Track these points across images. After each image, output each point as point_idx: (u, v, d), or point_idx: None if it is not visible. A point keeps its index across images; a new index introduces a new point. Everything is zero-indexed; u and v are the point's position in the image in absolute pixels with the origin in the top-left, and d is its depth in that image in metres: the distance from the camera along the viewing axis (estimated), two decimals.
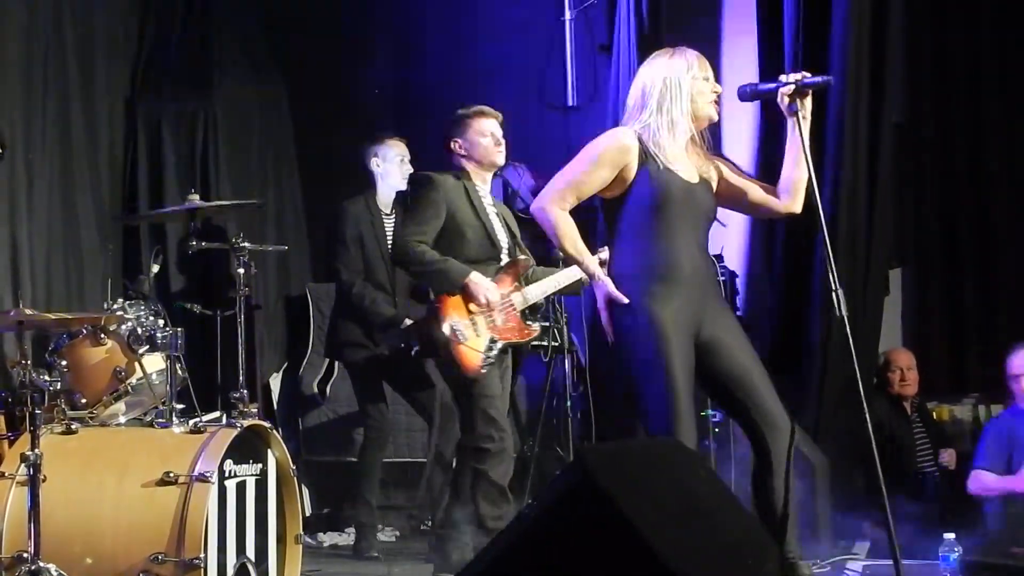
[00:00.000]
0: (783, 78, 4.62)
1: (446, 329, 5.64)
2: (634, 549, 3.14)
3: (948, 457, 7.28)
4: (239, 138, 8.17)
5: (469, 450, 5.81)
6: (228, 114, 8.08)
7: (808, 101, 4.62)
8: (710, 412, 6.23)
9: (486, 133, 5.95)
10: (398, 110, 8.56)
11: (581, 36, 8.34)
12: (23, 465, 4.61)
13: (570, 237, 4.59)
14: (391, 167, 6.86)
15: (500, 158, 6.01)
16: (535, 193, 6.76)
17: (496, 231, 5.93)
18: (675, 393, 4.42)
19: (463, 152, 5.95)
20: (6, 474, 4.79)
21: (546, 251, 6.15)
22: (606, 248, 5.71)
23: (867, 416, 4.50)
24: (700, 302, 4.56)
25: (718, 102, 4.69)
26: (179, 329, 5.30)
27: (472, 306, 5.71)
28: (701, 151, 4.70)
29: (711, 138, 4.75)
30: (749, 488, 6.15)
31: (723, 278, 6.47)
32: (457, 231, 5.80)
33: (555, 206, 4.56)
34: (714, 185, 4.73)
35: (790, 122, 4.66)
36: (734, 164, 4.90)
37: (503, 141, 5.98)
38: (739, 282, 7.37)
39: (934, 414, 7.64)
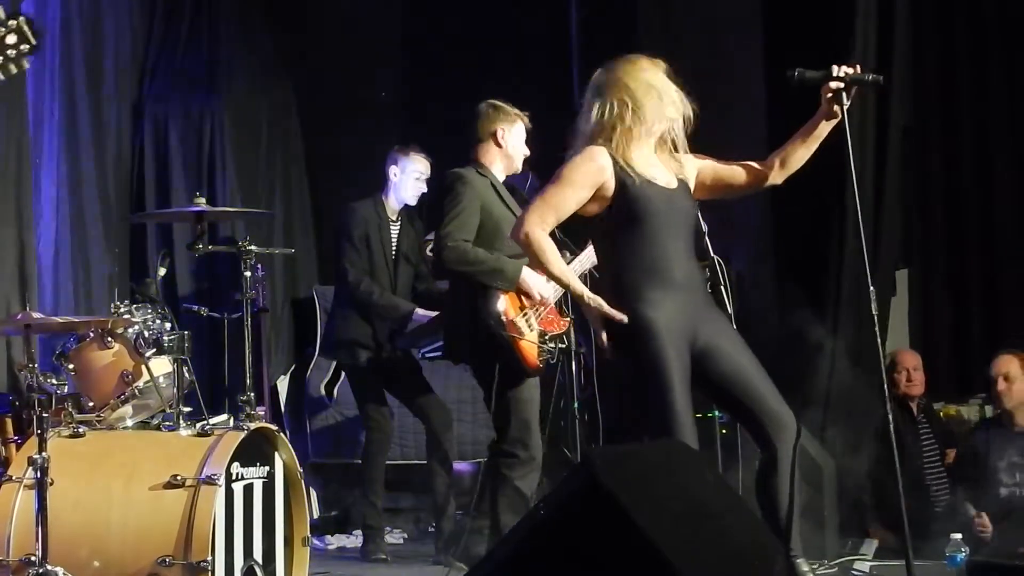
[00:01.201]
0: (834, 69, 4.57)
1: (510, 327, 5.52)
2: (641, 551, 3.14)
3: (954, 458, 7.26)
4: (246, 140, 8.18)
5: (500, 455, 5.72)
6: (235, 116, 8.09)
7: (849, 96, 4.59)
8: (717, 414, 6.23)
9: (524, 136, 5.93)
10: (405, 112, 8.56)
11: (586, 40, 8.35)
12: (30, 468, 4.62)
13: (556, 261, 4.55)
14: (407, 180, 6.85)
15: (520, 166, 5.99)
16: None
17: None
18: (673, 402, 4.40)
19: (504, 143, 5.87)
20: (13, 477, 4.80)
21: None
22: (588, 250, 5.74)
23: (890, 418, 4.45)
24: (693, 308, 4.53)
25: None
26: (186, 332, 5.32)
27: (524, 300, 5.68)
28: (669, 152, 4.64)
29: (682, 136, 4.65)
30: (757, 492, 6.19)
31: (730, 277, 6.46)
32: (495, 227, 5.70)
33: (537, 228, 4.50)
34: (692, 185, 4.69)
35: (826, 110, 4.61)
36: (707, 157, 4.83)
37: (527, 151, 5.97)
38: (746, 281, 7.38)
39: (940, 414, 7.62)
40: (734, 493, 4.08)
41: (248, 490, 4.97)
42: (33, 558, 4.56)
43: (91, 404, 5.23)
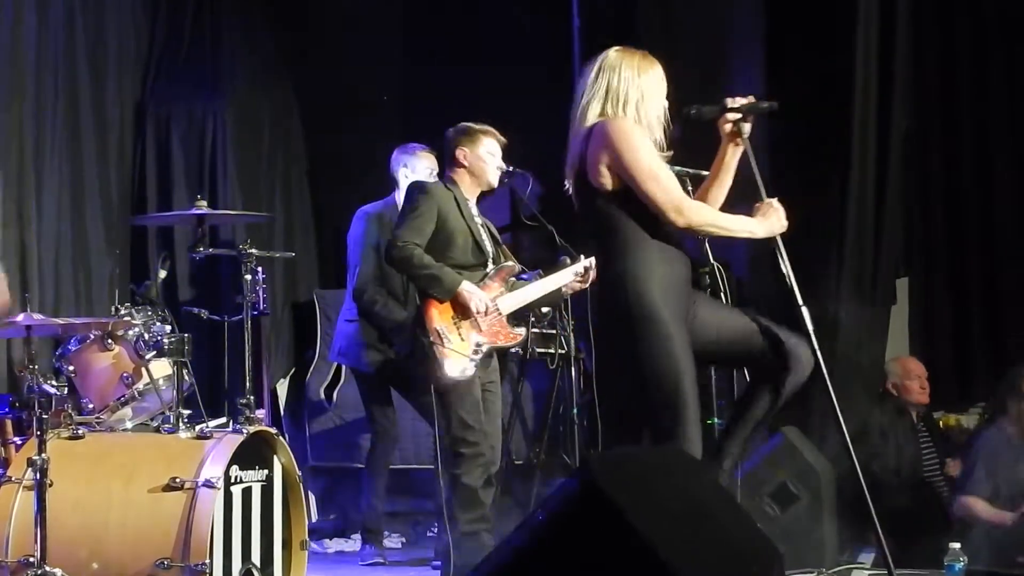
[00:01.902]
0: (729, 102, 4.60)
1: (431, 333, 5.67)
2: (639, 556, 3.15)
3: (954, 467, 7.26)
4: (248, 141, 8.19)
5: (445, 453, 5.82)
6: (237, 118, 8.10)
7: (749, 126, 4.61)
8: (716, 421, 6.23)
9: (494, 153, 6.06)
10: (407, 115, 8.57)
11: (587, 44, 8.35)
12: (30, 470, 4.63)
13: (732, 224, 4.59)
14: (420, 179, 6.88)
15: (496, 180, 6.12)
16: (542, 200, 6.79)
17: (483, 239, 5.98)
18: (684, 399, 4.42)
19: (466, 163, 6.03)
20: (13, 478, 4.81)
21: (553, 257, 6.16)
22: (592, 259, 5.77)
23: (843, 427, 4.48)
24: (688, 294, 4.59)
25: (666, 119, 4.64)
26: (186, 335, 5.32)
27: (458, 311, 5.76)
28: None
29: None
30: (755, 498, 6.20)
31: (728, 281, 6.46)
32: (448, 237, 5.87)
33: (684, 217, 4.48)
34: None
35: (729, 147, 4.64)
36: None
37: (503, 165, 6.08)
38: (745, 289, 7.38)
39: (940, 423, 7.62)
40: (731, 496, 4.09)
41: (247, 493, 4.98)
42: (32, 559, 4.57)
43: (91, 406, 5.25)
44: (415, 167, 6.86)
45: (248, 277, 5.65)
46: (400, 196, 6.90)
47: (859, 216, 7.11)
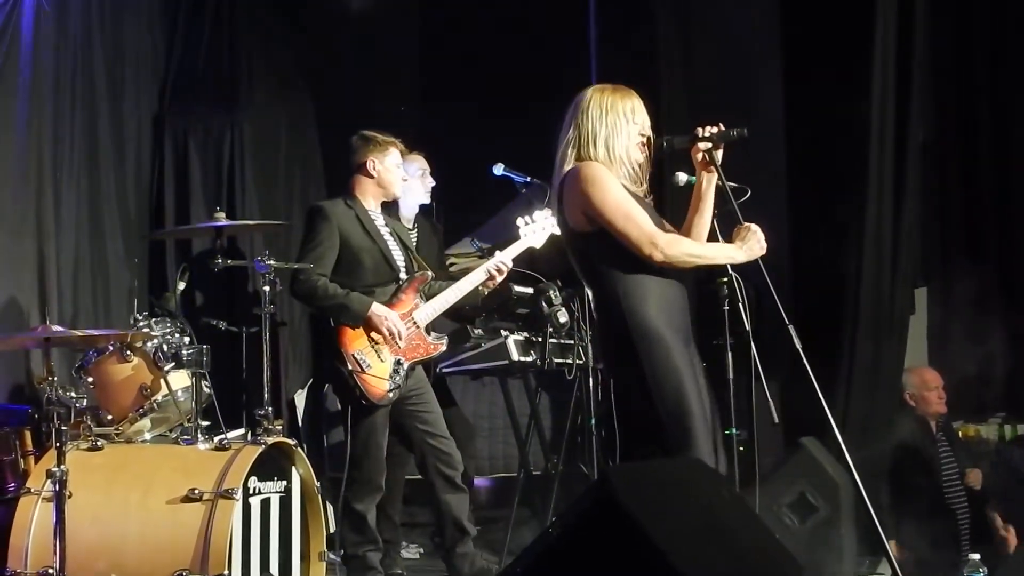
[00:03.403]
0: (699, 131, 4.60)
1: (349, 361, 5.70)
2: (657, 569, 3.14)
3: (974, 476, 7.24)
4: (266, 154, 8.19)
5: (348, 478, 5.88)
6: (255, 130, 8.10)
7: (720, 154, 4.61)
8: (735, 431, 6.21)
9: (399, 164, 6.10)
10: (423, 125, 8.57)
11: (605, 55, 8.35)
12: (49, 481, 4.64)
13: (710, 253, 4.59)
14: (414, 182, 6.88)
15: (400, 191, 6.18)
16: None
17: (392, 251, 6.01)
18: (690, 411, 4.42)
19: (375, 173, 6.04)
20: (32, 490, 4.83)
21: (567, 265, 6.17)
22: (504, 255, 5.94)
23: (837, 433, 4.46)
24: (686, 326, 4.61)
25: (645, 145, 4.64)
26: (205, 346, 5.33)
27: (374, 334, 5.77)
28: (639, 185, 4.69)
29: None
30: (774, 508, 6.18)
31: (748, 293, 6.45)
32: (354, 258, 5.88)
33: (661, 252, 4.46)
34: None
35: (703, 175, 4.64)
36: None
37: (407, 176, 6.18)
38: (763, 300, 7.35)
39: (959, 433, 7.59)
40: (751, 510, 4.08)
41: (265, 504, 4.98)
42: (51, 571, 4.58)
43: (109, 417, 5.26)
44: (409, 170, 6.84)
45: (266, 288, 5.66)
46: (404, 203, 6.91)
47: (877, 226, 7.10)
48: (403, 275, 6.00)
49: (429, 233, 7.02)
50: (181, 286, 6.48)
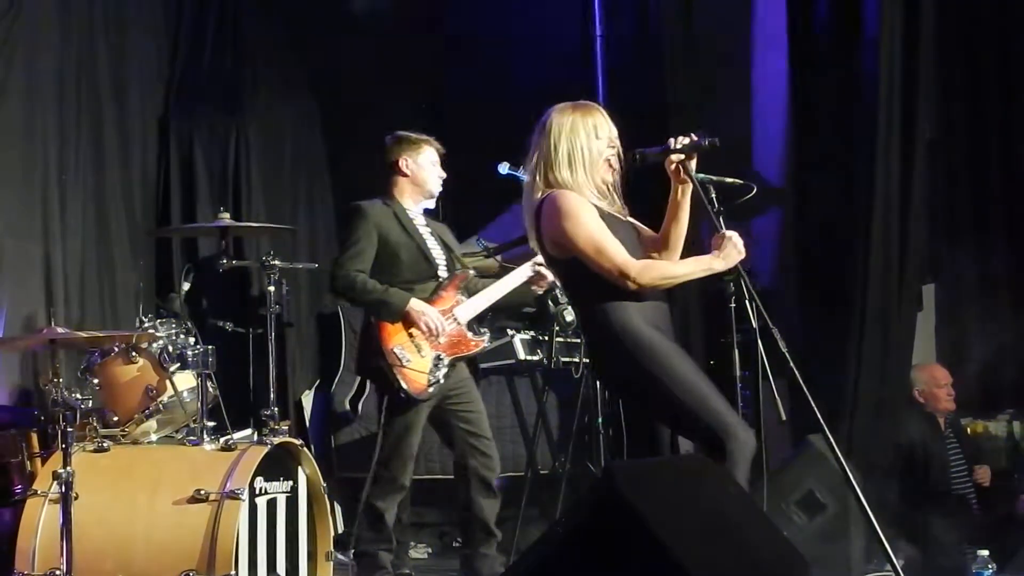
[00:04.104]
0: (672, 143, 4.57)
1: (388, 355, 5.69)
2: (663, 566, 3.13)
3: (982, 473, 7.23)
4: (271, 156, 8.19)
5: (374, 474, 5.88)
6: (260, 132, 8.10)
7: (693, 164, 4.59)
8: None
9: (436, 162, 6.08)
10: (429, 127, 8.55)
11: (611, 52, 8.35)
12: (55, 483, 4.65)
13: (682, 271, 4.58)
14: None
15: (438, 188, 6.13)
16: None
17: (430, 248, 6.00)
18: (715, 407, 4.39)
19: (409, 172, 6.05)
20: (39, 492, 4.83)
21: None
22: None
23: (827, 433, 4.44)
24: (669, 330, 4.60)
25: (612, 164, 4.62)
26: (210, 347, 5.33)
27: (413, 330, 5.77)
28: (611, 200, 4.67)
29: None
30: (782, 506, 6.17)
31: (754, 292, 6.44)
32: (392, 254, 5.88)
33: (636, 278, 4.44)
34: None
35: (679, 187, 4.61)
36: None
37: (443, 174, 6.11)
38: (770, 297, 7.36)
39: (968, 430, 7.58)
40: (757, 507, 4.07)
41: (272, 505, 4.98)
42: (58, 572, 4.58)
43: (116, 418, 5.26)
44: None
45: (272, 289, 5.67)
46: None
47: (884, 222, 7.08)
48: (443, 273, 6.00)
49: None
50: (186, 287, 6.49)
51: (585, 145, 4.59)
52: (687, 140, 4.57)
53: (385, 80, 8.62)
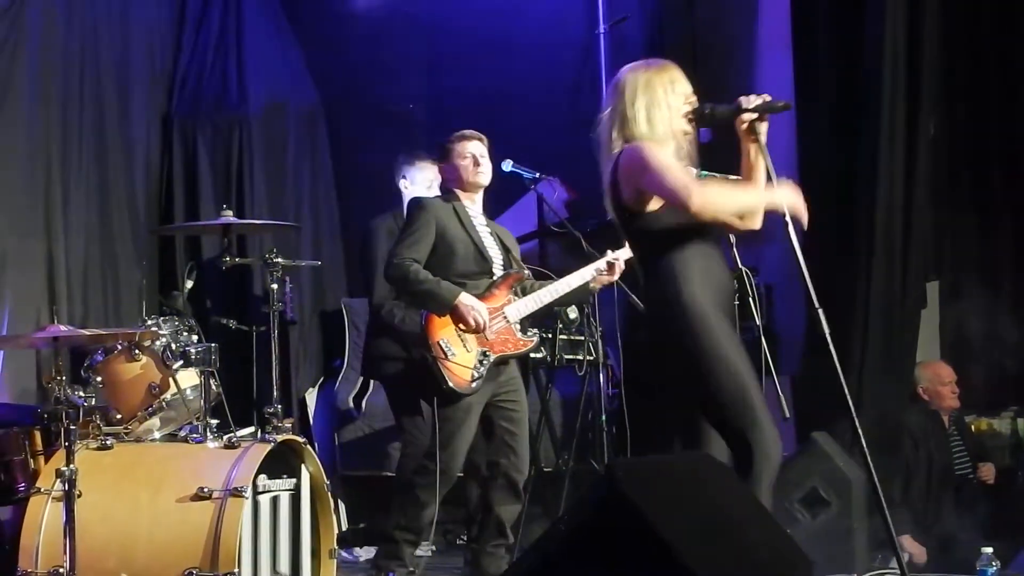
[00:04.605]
0: (743, 101, 4.56)
1: (433, 348, 5.71)
2: (664, 563, 3.13)
3: (986, 471, 7.22)
4: (274, 153, 8.19)
5: (417, 464, 5.87)
6: (263, 129, 8.10)
7: (765, 125, 4.58)
8: None
9: (466, 155, 6.04)
10: (432, 125, 8.57)
11: (614, 50, 8.34)
12: (59, 481, 4.64)
13: (740, 196, 4.54)
14: (418, 191, 6.86)
15: (482, 178, 6.07)
16: (568, 206, 6.77)
17: (487, 246, 5.99)
18: (751, 399, 4.38)
19: (448, 176, 6.07)
20: (42, 489, 4.82)
21: (580, 263, 6.15)
22: (618, 252, 5.87)
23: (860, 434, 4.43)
24: (732, 310, 4.59)
25: (690, 117, 4.62)
26: (213, 344, 5.33)
27: (461, 324, 5.77)
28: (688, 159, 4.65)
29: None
30: (785, 504, 6.17)
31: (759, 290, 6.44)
32: (448, 248, 5.88)
33: (696, 198, 4.38)
34: None
35: (750, 147, 4.60)
36: None
37: (484, 161, 6.03)
38: (775, 295, 7.36)
39: (972, 427, 7.58)
40: (760, 505, 4.06)
41: (275, 502, 4.98)
42: (61, 570, 4.58)
43: (119, 416, 5.26)
44: (413, 179, 6.86)
45: (275, 286, 5.66)
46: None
47: (888, 219, 7.08)
48: (498, 271, 5.99)
49: None
50: (189, 284, 6.49)
51: (663, 100, 4.57)
52: (759, 100, 4.55)
53: (388, 77, 8.62)
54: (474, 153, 6.02)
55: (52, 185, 6.89)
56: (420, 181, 6.84)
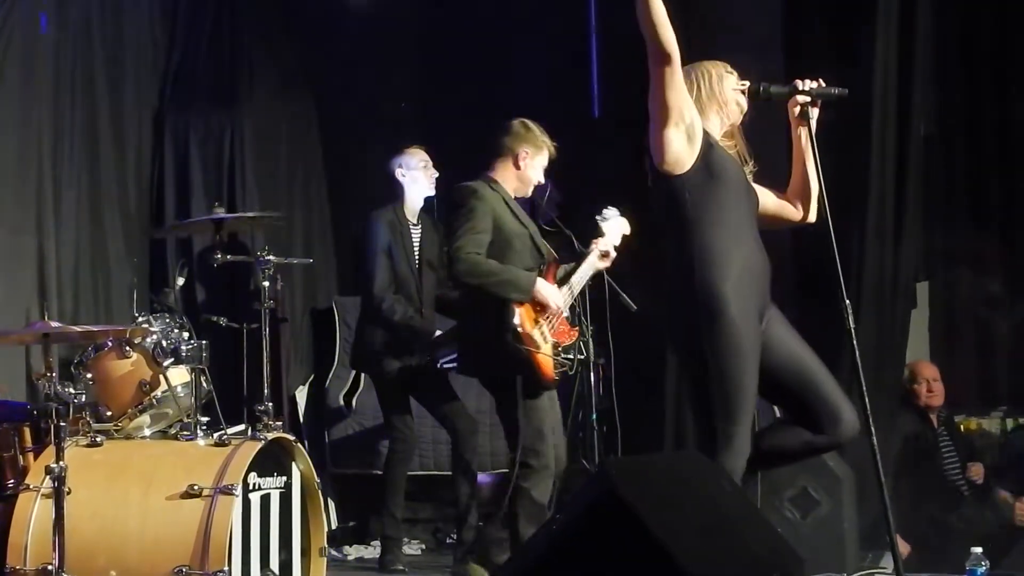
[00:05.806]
0: (799, 84, 4.56)
1: (527, 340, 5.56)
2: (657, 562, 3.13)
3: (976, 470, 7.23)
4: (266, 151, 8.19)
5: (517, 466, 5.68)
6: (255, 127, 8.10)
7: (817, 111, 4.57)
8: None
9: (536, 168, 5.91)
10: (424, 122, 8.56)
11: (607, 47, 8.34)
12: (48, 477, 4.63)
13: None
14: (416, 174, 6.89)
15: (531, 191, 5.97)
16: (560, 207, 6.76)
17: (538, 238, 5.90)
18: (743, 402, 4.32)
19: (522, 166, 5.86)
20: (31, 486, 4.81)
21: (570, 262, 6.14)
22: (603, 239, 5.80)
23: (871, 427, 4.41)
24: (763, 295, 4.47)
25: (741, 104, 4.57)
26: (204, 342, 5.33)
27: (538, 313, 5.68)
28: (736, 149, 4.61)
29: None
30: (776, 503, 6.17)
31: None
32: (506, 242, 5.72)
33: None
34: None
35: (800, 131, 4.59)
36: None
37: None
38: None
39: (961, 427, 7.58)
40: (751, 503, 4.07)
41: (265, 500, 4.97)
42: (50, 567, 4.56)
43: (109, 413, 5.25)
44: (408, 164, 6.88)
45: (266, 284, 5.65)
46: (408, 196, 6.89)
47: (878, 219, 7.08)
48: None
49: (431, 228, 7.01)
50: (180, 282, 6.48)
51: (720, 73, 4.55)
52: (815, 84, 4.54)
53: (381, 76, 8.61)
54: (545, 166, 5.92)
55: (43, 181, 6.88)
56: (415, 164, 6.86)
